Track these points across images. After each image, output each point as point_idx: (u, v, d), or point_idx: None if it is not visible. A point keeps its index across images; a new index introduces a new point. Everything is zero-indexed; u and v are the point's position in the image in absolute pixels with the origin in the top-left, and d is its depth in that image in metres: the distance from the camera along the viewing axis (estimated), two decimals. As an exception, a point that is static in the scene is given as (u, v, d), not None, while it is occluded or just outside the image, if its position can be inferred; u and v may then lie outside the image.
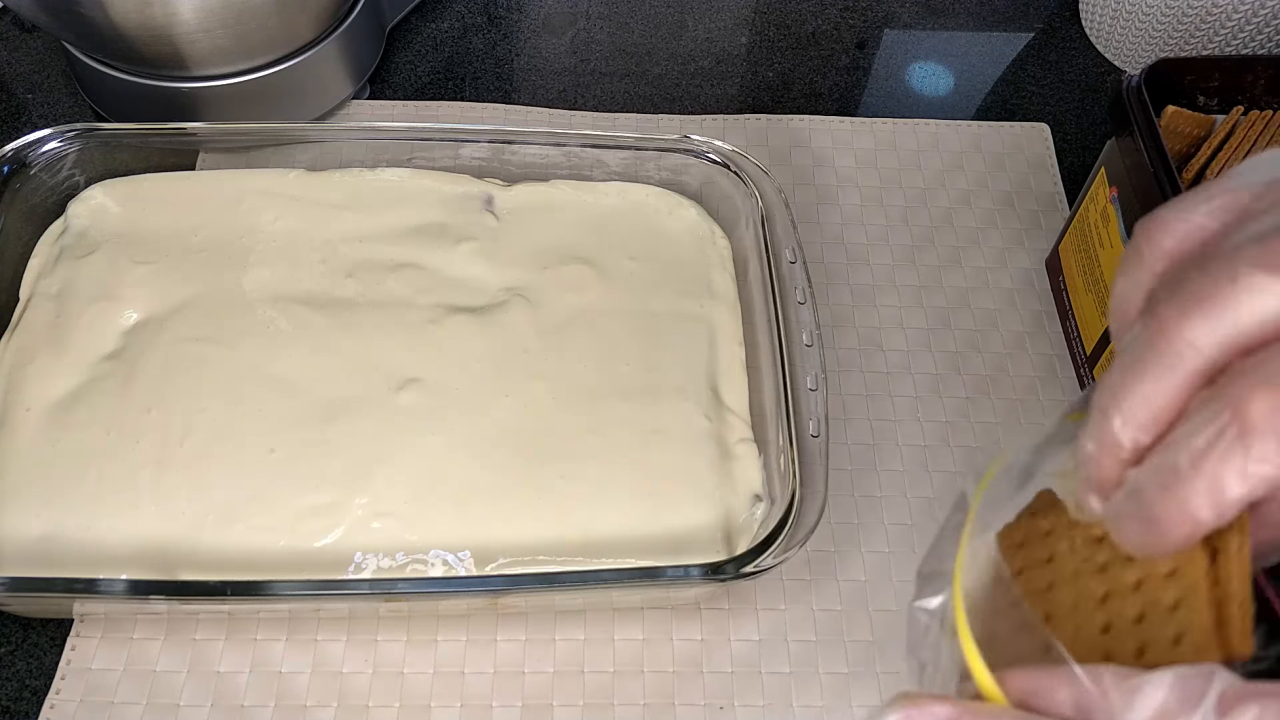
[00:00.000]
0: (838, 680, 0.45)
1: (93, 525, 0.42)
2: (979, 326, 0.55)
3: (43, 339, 0.47)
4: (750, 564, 0.40)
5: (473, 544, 0.43)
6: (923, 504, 0.49)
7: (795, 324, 0.46)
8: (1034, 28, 0.70)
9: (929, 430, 0.52)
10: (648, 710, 0.43)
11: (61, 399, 0.45)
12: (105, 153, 0.51)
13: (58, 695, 0.42)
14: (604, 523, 0.44)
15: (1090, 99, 0.66)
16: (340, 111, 0.61)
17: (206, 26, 0.51)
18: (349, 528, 0.43)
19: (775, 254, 0.48)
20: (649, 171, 0.53)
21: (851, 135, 0.63)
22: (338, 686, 0.43)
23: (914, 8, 0.71)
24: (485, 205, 0.52)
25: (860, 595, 0.47)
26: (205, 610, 0.44)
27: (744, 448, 0.46)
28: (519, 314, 0.49)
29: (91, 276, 0.48)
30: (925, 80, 0.67)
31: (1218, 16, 0.60)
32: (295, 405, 0.45)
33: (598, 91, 0.65)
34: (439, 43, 0.66)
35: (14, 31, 0.64)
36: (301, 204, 0.52)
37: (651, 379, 0.48)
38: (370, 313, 0.48)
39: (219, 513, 0.43)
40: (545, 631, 0.45)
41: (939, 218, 0.59)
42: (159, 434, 0.44)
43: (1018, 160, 0.62)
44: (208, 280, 0.49)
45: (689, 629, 0.45)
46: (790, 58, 0.68)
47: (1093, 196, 0.51)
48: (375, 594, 0.41)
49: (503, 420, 0.46)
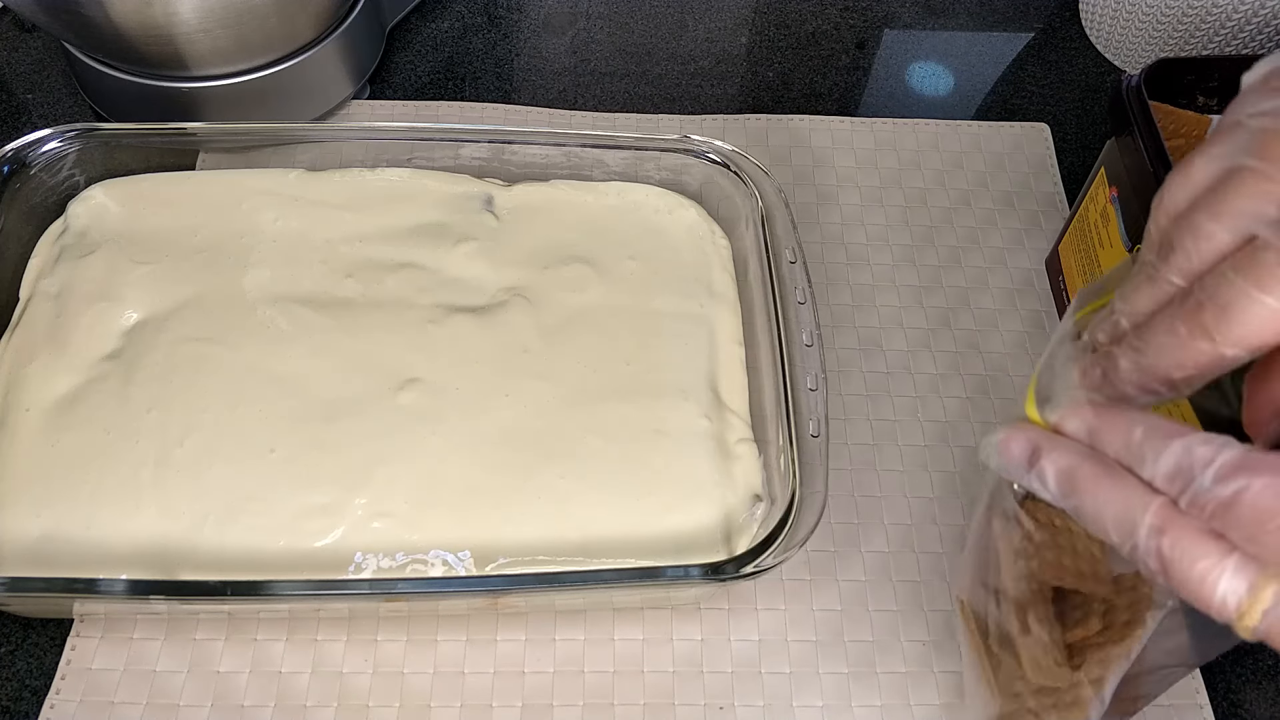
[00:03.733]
0: (838, 680, 0.45)
1: (93, 525, 0.42)
2: (979, 326, 0.55)
3: (43, 339, 0.47)
4: (750, 564, 0.40)
5: (473, 544, 0.43)
6: (923, 504, 0.50)
7: (795, 324, 0.46)
8: (1034, 28, 0.70)
9: (929, 430, 0.52)
10: (648, 710, 0.43)
11: (61, 399, 0.45)
12: (105, 153, 0.51)
13: (58, 695, 0.42)
14: (604, 523, 0.44)
15: (1090, 99, 0.66)
16: (340, 111, 0.61)
17: (206, 26, 0.51)
18: (349, 528, 0.43)
19: (775, 254, 0.48)
20: (649, 171, 0.53)
21: (851, 135, 0.63)
22: (338, 686, 0.43)
23: (914, 8, 0.71)
24: (485, 205, 0.52)
25: (860, 595, 0.47)
26: (205, 610, 0.44)
27: (744, 448, 0.46)
28: (519, 314, 0.49)
29: (91, 276, 0.48)
30: (925, 80, 0.67)
31: (1218, 16, 0.60)
32: (295, 405, 0.45)
33: (598, 91, 0.65)
34: (439, 43, 0.66)
35: (14, 31, 0.64)
36: (301, 204, 0.52)
37: (652, 379, 0.48)
38: (370, 313, 0.48)
39: (219, 513, 0.43)
40: (545, 631, 0.45)
41: (939, 218, 0.59)
42: (159, 434, 0.44)
43: (1018, 160, 0.62)
44: (208, 280, 0.49)
45: (689, 629, 0.45)
46: (790, 58, 0.68)
47: (1093, 196, 0.51)
48: (375, 594, 0.41)
49: (503, 420, 0.46)
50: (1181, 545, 0.25)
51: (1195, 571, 0.25)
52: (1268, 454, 0.25)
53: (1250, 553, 0.25)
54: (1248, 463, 0.25)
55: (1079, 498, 0.28)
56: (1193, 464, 0.25)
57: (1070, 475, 0.28)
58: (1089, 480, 0.28)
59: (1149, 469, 0.26)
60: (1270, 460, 0.24)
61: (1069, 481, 0.28)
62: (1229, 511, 0.25)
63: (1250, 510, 0.24)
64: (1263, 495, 0.24)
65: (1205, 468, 0.25)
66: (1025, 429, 0.30)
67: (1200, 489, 0.25)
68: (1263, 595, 0.24)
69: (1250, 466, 0.24)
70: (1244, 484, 0.24)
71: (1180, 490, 0.26)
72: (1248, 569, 0.25)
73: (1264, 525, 0.24)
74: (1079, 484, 0.28)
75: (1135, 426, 0.27)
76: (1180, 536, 0.25)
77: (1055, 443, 0.29)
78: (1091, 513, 0.28)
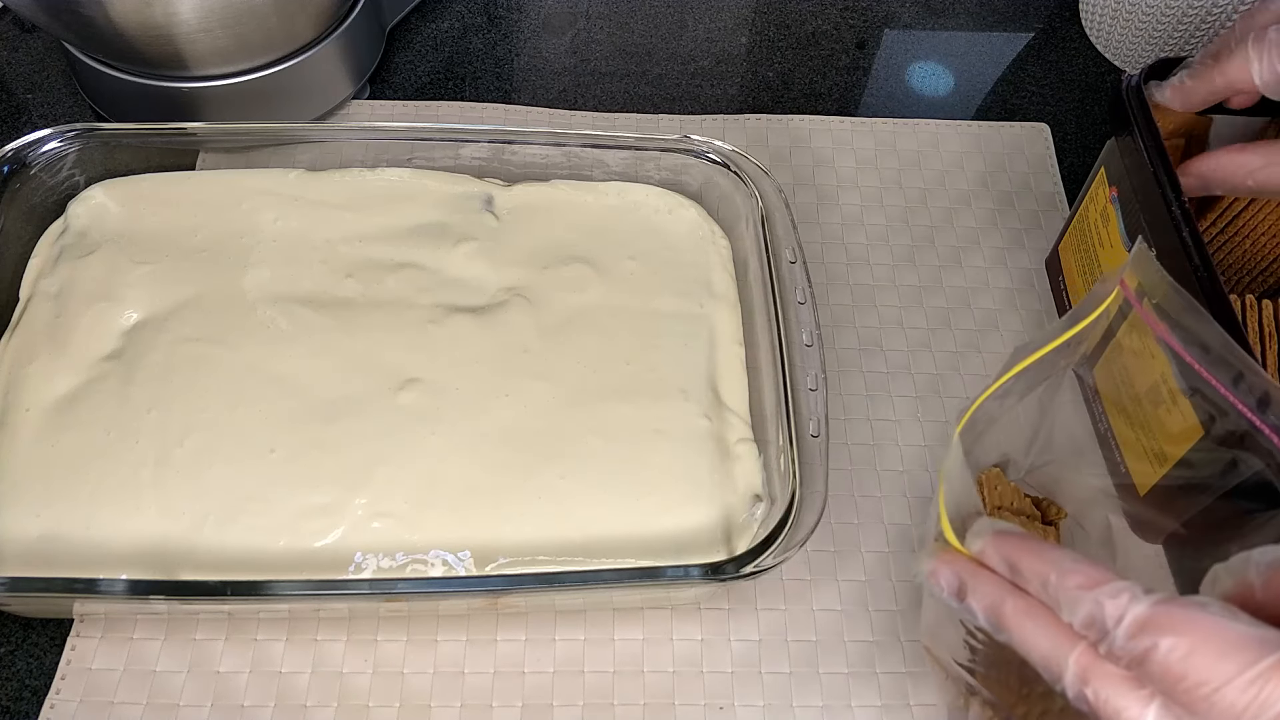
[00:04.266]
0: (838, 680, 0.45)
1: (92, 525, 0.42)
2: (979, 327, 0.55)
3: (43, 339, 0.47)
4: (750, 564, 0.40)
5: (473, 544, 0.43)
6: (923, 504, 0.50)
7: (795, 324, 0.46)
8: (1034, 28, 0.70)
9: (929, 430, 0.52)
10: (648, 710, 0.43)
11: (61, 399, 0.45)
12: (105, 153, 0.51)
13: (58, 695, 0.42)
14: (604, 523, 0.44)
15: (1090, 99, 0.66)
16: (340, 111, 0.61)
17: (206, 26, 0.51)
18: (349, 528, 0.43)
19: (775, 254, 0.48)
20: (649, 171, 0.53)
21: (851, 135, 0.63)
22: (338, 686, 0.43)
23: (914, 8, 0.71)
24: (485, 205, 0.52)
25: (860, 595, 0.47)
26: (205, 610, 0.44)
27: (744, 448, 0.46)
28: (519, 314, 0.49)
29: (91, 276, 0.48)
30: (925, 80, 0.67)
31: (1218, 16, 0.60)
32: (295, 405, 0.45)
33: (598, 91, 0.65)
34: (439, 43, 0.66)
35: (14, 31, 0.64)
36: (301, 204, 0.52)
37: (652, 379, 0.48)
38: (370, 313, 0.48)
39: (219, 513, 0.43)
40: (545, 631, 0.45)
41: (939, 218, 0.59)
42: (159, 434, 0.44)
43: (1018, 160, 0.62)
44: (208, 280, 0.49)
45: (689, 629, 0.45)
46: (790, 58, 0.68)
47: (1093, 196, 0.51)
48: (375, 594, 0.41)
49: (503, 420, 0.46)
50: (1104, 694, 0.27)
51: (1121, 719, 0.27)
52: (1174, 606, 0.26)
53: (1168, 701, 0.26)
54: (1154, 620, 0.26)
55: (1008, 633, 0.29)
56: (1104, 618, 0.27)
57: (995, 612, 0.29)
58: (1013, 618, 0.29)
59: (1065, 615, 0.28)
60: (1176, 615, 0.26)
61: (996, 617, 0.29)
62: (1142, 666, 0.26)
63: (1161, 670, 0.26)
64: (1170, 656, 0.25)
65: (1116, 624, 0.26)
66: (951, 561, 0.31)
67: (1114, 643, 0.27)
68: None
69: (1157, 625, 0.26)
70: (1151, 643, 0.26)
71: (1097, 639, 0.27)
72: (1167, 716, 0.27)
73: (1174, 685, 0.26)
74: (1005, 621, 0.29)
75: (1049, 570, 0.28)
76: (1103, 685, 0.27)
77: (979, 578, 0.30)
78: (1021, 648, 0.29)
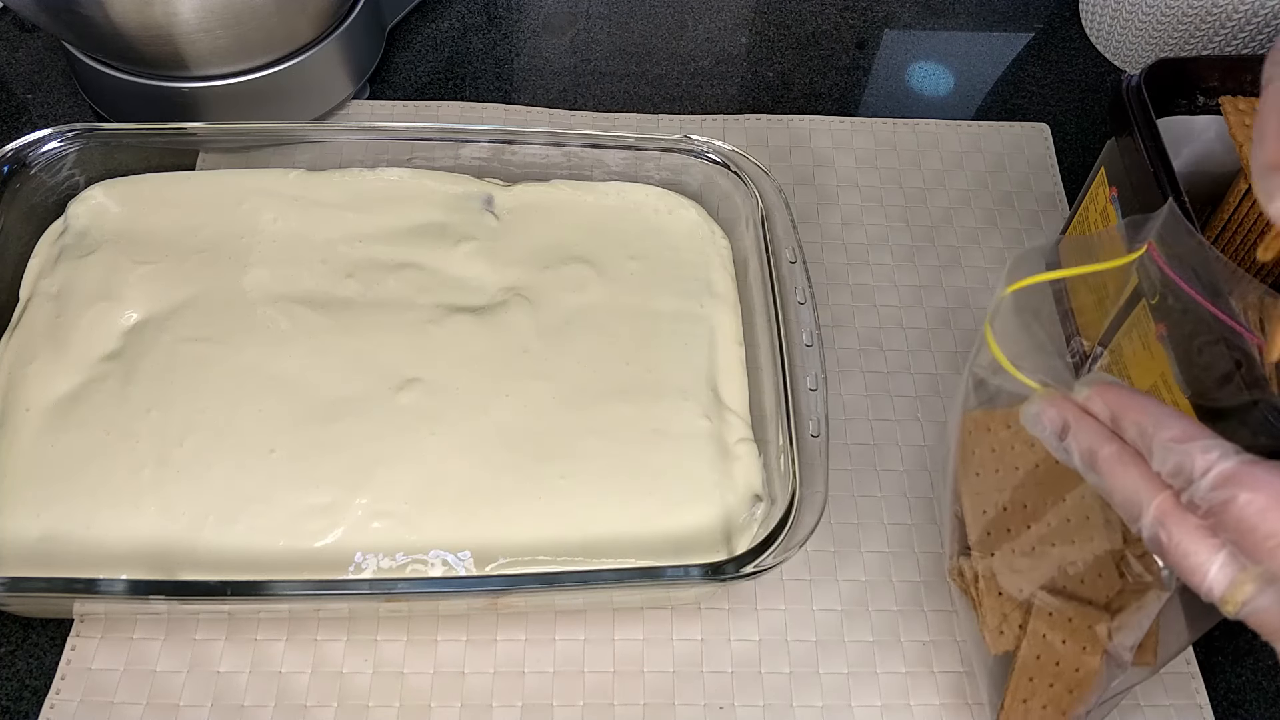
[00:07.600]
0: (838, 680, 0.45)
1: (93, 525, 0.42)
2: (979, 327, 0.55)
3: (43, 339, 0.47)
4: (750, 564, 0.40)
5: (473, 544, 0.43)
6: (923, 504, 0.50)
7: (795, 324, 0.46)
8: (1034, 28, 0.70)
9: (929, 430, 0.52)
10: (648, 710, 0.43)
11: (61, 399, 0.45)
12: (105, 153, 0.51)
13: (58, 695, 0.42)
14: (604, 523, 0.44)
15: (1090, 99, 0.66)
16: (340, 111, 0.61)
17: (206, 26, 0.51)
18: (349, 528, 0.43)
19: (775, 254, 0.48)
20: (649, 171, 0.53)
21: (851, 135, 0.63)
22: (338, 686, 0.43)
23: (914, 8, 0.71)
24: (485, 205, 0.52)
25: (860, 595, 0.47)
26: (205, 610, 0.44)
27: (744, 448, 0.46)
28: (519, 314, 0.49)
29: (91, 276, 0.48)
30: (925, 80, 0.67)
31: (1218, 16, 0.60)
32: (295, 405, 0.45)
33: (598, 91, 0.65)
34: (439, 43, 0.66)
35: (14, 31, 0.64)
36: (301, 204, 0.52)
37: (651, 379, 0.48)
38: (370, 313, 0.48)
39: (219, 513, 0.43)
40: (545, 632, 0.45)
41: (939, 218, 0.59)
42: (159, 434, 0.44)
43: (1018, 160, 0.62)
44: (208, 280, 0.49)
45: (689, 629, 0.45)
46: (790, 58, 0.68)
47: (1093, 196, 0.51)
48: (375, 594, 0.41)
49: (503, 420, 0.46)
50: (1177, 537, 0.30)
51: (1188, 562, 0.30)
52: (1259, 467, 0.29)
53: (1236, 550, 0.29)
54: (1238, 476, 0.29)
55: (1098, 477, 0.32)
56: (1193, 468, 0.29)
57: (1091, 456, 0.32)
58: (1105, 463, 0.32)
59: (1156, 463, 0.30)
60: (1259, 475, 0.28)
61: (1090, 460, 0.32)
62: (1219, 516, 0.29)
63: (1236, 519, 0.29)
64: (1247, 509, 0.28)
65: (1202, 475, 0.29)
66: (1060, 404, 0.33)
67: (1196, 491, 0.29)
68: (1242, 589, 0.29)
69: (1239, 480, 0.28)
70: (1232, 494, 0.28)
71: (1181, 487, 0.30)
72: (1231, 565, 0.29)
73: (1246, 535, 0.28)
74: (1097, 465, 0.32)
75: (1149, 421, 0.31)
76: (1176, 529, 0.30)
77: (1081, 424, 0.33)
78: (1107, 491, 0.32)
